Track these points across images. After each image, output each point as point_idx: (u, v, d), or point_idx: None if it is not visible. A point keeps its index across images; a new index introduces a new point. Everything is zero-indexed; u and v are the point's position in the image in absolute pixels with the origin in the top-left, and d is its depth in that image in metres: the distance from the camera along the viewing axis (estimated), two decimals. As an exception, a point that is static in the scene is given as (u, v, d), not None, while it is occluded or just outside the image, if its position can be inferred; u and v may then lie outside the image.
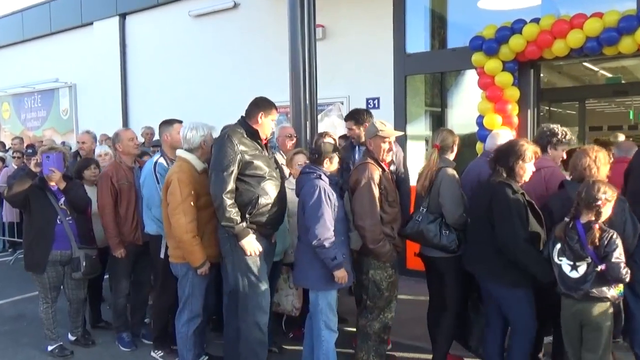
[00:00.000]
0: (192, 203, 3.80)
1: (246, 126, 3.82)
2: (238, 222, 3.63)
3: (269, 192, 3.75)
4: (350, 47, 7.72)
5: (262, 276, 3.81)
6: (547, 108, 8.87)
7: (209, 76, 9.50)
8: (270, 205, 3.75)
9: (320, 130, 5.88)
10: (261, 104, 3.88)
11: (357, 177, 3.86)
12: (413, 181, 4.36)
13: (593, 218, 3.17)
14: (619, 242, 3.13)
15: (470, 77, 6.99)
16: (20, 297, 6.40)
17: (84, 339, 4.87)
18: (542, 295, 3.58)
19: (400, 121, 7.22)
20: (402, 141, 5.54)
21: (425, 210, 3.92)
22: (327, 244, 3.68)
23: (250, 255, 3.71)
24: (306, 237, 3.78)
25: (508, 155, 3.54)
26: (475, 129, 6.39)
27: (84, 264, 4.52)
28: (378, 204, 3.81)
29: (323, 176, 3.85)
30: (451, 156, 4.05)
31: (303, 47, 5.65)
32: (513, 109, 6.13)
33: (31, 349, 4.74)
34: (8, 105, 14.81)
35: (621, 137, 6.56)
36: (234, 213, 3.62)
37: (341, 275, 3.74)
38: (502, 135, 4.38)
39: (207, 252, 3.90)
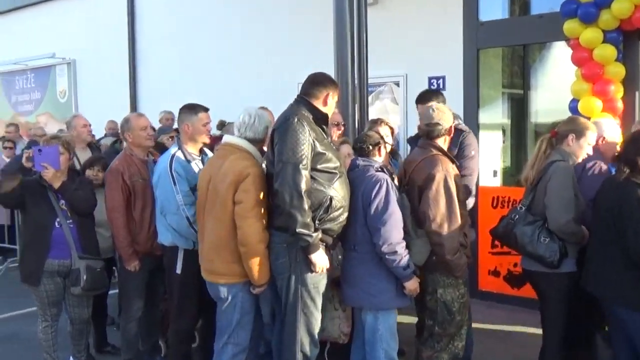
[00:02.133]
0: (264, 206, 3.78)
1: (311, 108, 3.80)
2: (314, 229, 3.60)
3: (340, 192, 3.74)
4: (409, 15, 7.68)
5: (320, 299, 3.82)
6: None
7: (235, 52, 9.60)
8: (342, 209, 3.75)
9: (374, 114, 5.88)
10: (328, 82, 3.88)
11: (427, 172, 3.84)
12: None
13: None
14: None
15: (560, 51, 6.86)
16: (11, 313, 6.60)
17: None
18: None
19: (471, 106, 7.13)
20: (473, 131, 5.47)
21: (524, 208, 3.94)
22: (399, 249, 3.74)
23: (317, 272, 3.71)
24: (364, 244, 3.83)
25: (630, 147, 3.57)
26: (567, 115, 6.26)
27: (85, 277, 4.55)
28: (458, 205, 3.83)
29: (384, 169, 3.94)
30: (568, 149, 4.00)
31: (351, 15, 5.65)
32: (617, 91, 5.97)
33: (25, 376, 4.89)
34: (-4, 85, 15.33)
35: None
36: (311, 219, 3.59)
37: (414, 287, 3.82)
38: (608, 125, 4.34)
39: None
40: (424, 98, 4.84)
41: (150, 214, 4.65)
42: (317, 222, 3.64)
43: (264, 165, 3.96)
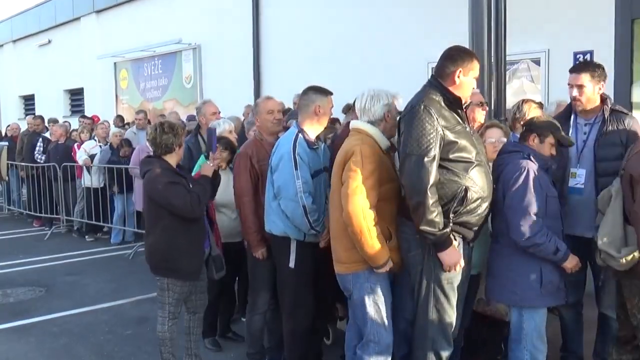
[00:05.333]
0: (376, 185, 3.65)
1: (442, 90, 3.62)
2: (441, 226, 3.48)
3: (477, 181, 3.56)
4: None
5: (455, 298, 3.70)
6: None
7: (361, 34, 9.59)
8: (480, 200, 3.58)
9: (508, 95, 5.64)
10: (457, 56, 3.66)
11: None
12: None
13: None
14: None
15: None
16: (142, 297, 6.98)
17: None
18: None
19: (624, 83, 6.69)
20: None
21: None
22: (539, 239, 3.61)
23: (449, 271, 3.60)
24: (505, 237, 3.72)
25: None
26: None
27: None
28: None
29: (533, 157, 3.74)
30: None
31: (489, -14, 5.45)
32: None
33: (156, 358, 5.13)
34: (126, 72, 16.31)
35: None
36: (437, 215, 3.46)
37: (571, 264, 3.69)
38: None
39: (395, 258, 3.77)
40: (577, 68, 4.34)
41: None
42: (451, 215, 3.52)
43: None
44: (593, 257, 3.96)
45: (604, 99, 4.22)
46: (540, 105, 4.64)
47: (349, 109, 6.95)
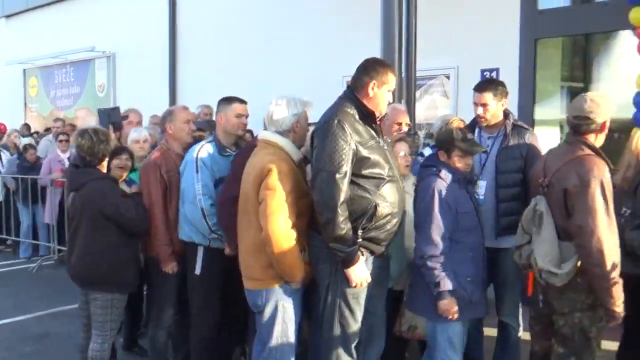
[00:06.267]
0: (293, 204, 3.60)
1: (357, 103, 3.60)
2: (350, 243, 3.47)
3: (388, 198, 3.57)
4: (462, 2, 7.62)
5: (360, 312, 3.71)
6: None
7: (277, 46, 9.67)
8: (390, 216, 3.59)
9: (418, 110, 5.83)
10: (371, 68, 3.62)
11: (579, 176, 3.42)
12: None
13: None
14: None
15: (625, 41, 6.73)
16: (44, 312, 6.73)
17: None
18: None
19: (527, 100, 7.06)
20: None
21: (628, 212, 3.85)
22: (430, 263, 3.66)
23: (356, 287, 3.59)
24: None
25: None
26: (630, 111, 6.12)
27: None
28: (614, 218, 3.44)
29: (444, 172, 3.77)
30: None
31: (399, 3, 5.63)
32: (687, 85, 5.82)
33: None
34: (36, 80, 15.81)
35: None
36: (346, 232, 3.44)
37: (444, 308, 3.66)
38: None
39: (308, 270, 3.74)
40: (480, 87, 4.48)
41: None
42: (360, 231, 3.53)
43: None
44: (496, 265, 4.16)
45: (506, 114, 4.41)
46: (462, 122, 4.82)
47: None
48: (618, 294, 3.37)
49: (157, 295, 4.77)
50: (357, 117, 3.57)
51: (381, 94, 3.62)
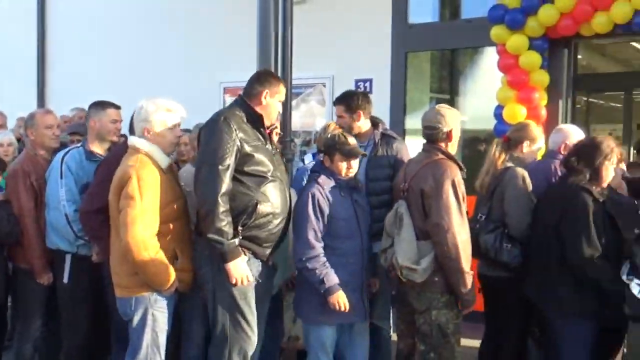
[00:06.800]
0: (156, 212, 3.58)
1: (246, 108, 3.76)
2: (230, 236, 3.51)
3: (270, 197, 3.66)
4: (337, 14, 7.78)
5: (252, 315, 3.72)
6: (585, 99, 9.05)
7: (154, 51, 9.45)
8: (271, 216, 3.67)
9: (295, 118, 5.92)
10: (264, 79, 3.84)
11: (434, 178, 3.71)
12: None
13: None
14: None
15: (488, 57, 7.12)
16: None
17: None
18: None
19: (398, 110, 7.33)
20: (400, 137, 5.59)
21: (484, 217, 4.08)
22: (309, 264, 3.75)
23: (236, 284, 3.60)
24: None
25: (593, 153, 3.78)
26: (492, 123, 6.52)
27: None
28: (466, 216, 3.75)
29: (323, 178, 3.89)
30: (521, 155, 4.26)
31: (276, 14, 5.69)
32: (541, 99, 6.27)
33: None
34: None
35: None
36: (226, 224, 3.49)
37: (334, 301, 3.75)
38: (572, 131, 4.54)
39: (183, 278, 3.75)
40: (336, 100, 4.74)
41: None
42: (240, 227, 3.57)
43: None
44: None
45: (376, 123, 4.60)
46: None
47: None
48: (470, 284, 3.68)
49: (23, 306, 4.61)
50: (244, 119, 3.70)
51: (273, 104, 3.82)
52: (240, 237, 3.58)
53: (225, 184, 3.51)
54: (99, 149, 4.43)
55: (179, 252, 3.72)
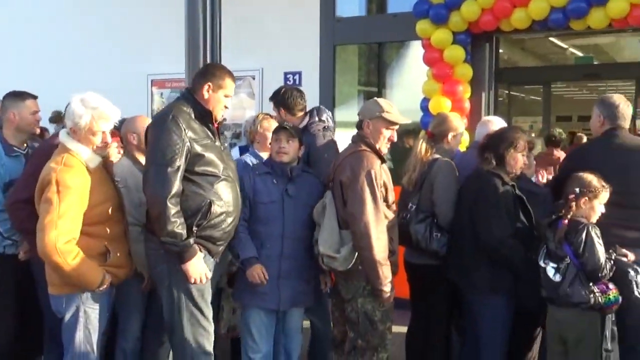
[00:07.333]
0: (77, 216, 3.44)
1: (193, 103, 3.66)
2: (184, 237, 3.47)
3: (223, 196, 3.62)
4: (265, 7, 7.84)
5: (209, 309, 3.71)
6: (507, 92, 9.39)
7: (76, 41, 9.24)
8: (225, 214, 3.64)
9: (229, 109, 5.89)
10: (208, 72, 3.73)
11: (351, 169, 3.77)
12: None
13: (566, 213, 3.64)
14: (594, 235, 3.56)
15: (415, 51, 7.32)
16: None
17: None
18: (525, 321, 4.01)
19: (327, 102, 7.39)
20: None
21: (414, 207, 4.18)
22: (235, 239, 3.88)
23: (196, 282, 3.58)
24: None
25: (499, 142, 3.97)
26: (419, 115, 6.71)
27: None
28: (385, 206, 3.82)
29: (257, 164, 4.06)
30: (447, 146, 4.37)
31: (204, 5, 5.67)
32: (464, 91, 6.51)
33: None
34: None
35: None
36: (179, 225, 3.44)
37: (251, 274, 3.81)
38: (496, 122, 4.69)
39: (116, 273, 3.63)
40: (272, 95, 4.86)
41: None
42: (194, 228, 3.52)
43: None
44: None
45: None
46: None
47: (59, 119, 6.66)
48: (385, 275, 3.71)
49: None
50: (192, 115, 3.59)
51: (217, 97, 3.67)
52: (195, 237, 3.54)
53: (175, 185, 3.43)
54: (17, 142, 4.30)
55: (111, 249, 3.62)
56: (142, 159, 4.22)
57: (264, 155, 4.52)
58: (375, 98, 4.22)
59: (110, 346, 4.06)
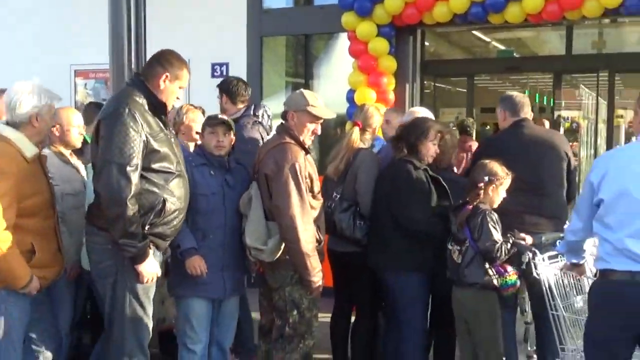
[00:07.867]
0: (11, 205, 3.34)
1: (147, 93, 3.50)
2: (141, 238, 3.40)
3: (176, 193, 3.56)
4: (193, -3, 7.82)
5: (150, 305, 3.68)
6: (433, 83, 9.62)
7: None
8: (177, 212, 3.59)
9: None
10: (165, 61, 3.54)
11: (275, 162, 3.80)
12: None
13: (472, 199, 3.86)
14: (490, 220, 3.78)
15: (341, 43, 7.46)
16: None
17: None
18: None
19: (255, 93, 7.37)
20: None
21: (338, 197, 4.30)
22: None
23: (148, 282, 3.55)
24: None
25: (411, 131, 4.15)
26: (345, 106, 6.84)
27: None
28: (310, 196, 3.88)
29: (193, 156, 4.05)
30: (373, 136, 4.58)
31: (128, -6, 5.64)
32: (389, 83, 6.67)
33: None
34: None
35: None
36: (137, 226, 3.36)
37: (191, 265, 3.81)
38: (422, 113, 4.79)
39: (43, 274, 3.53)
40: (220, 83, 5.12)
41: None
42: (147, 226, 3.45)
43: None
44: None
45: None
46: (203, 110, 5.02)
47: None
48: (313, 265, 3.78)
49: None
50: (146, 107, 3.47)
51: (172, 88, 3.56)
52: (147, 233, 3.47)
53: (134, 185, 3.33)
54: None
55: (37, 247, 3.52)
56: (65, 152, 4.20)
57: (190, 145, 4.57)
58: (302, 90, 4.28)
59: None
